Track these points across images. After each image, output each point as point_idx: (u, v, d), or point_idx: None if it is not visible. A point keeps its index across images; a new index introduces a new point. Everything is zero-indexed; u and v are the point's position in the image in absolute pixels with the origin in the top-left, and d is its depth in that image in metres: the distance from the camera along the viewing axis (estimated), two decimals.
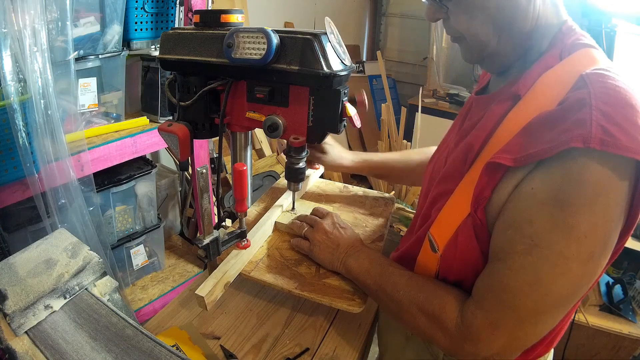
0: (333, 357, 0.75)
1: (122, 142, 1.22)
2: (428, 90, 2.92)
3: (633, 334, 1.51)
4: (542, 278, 0.49)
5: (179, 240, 1.87)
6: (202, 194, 0.69)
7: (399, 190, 2.44)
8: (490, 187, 0.54)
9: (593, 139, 0.44)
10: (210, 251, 0.73)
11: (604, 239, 0.48)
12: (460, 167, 0.61)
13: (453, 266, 0.60)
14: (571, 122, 0.47)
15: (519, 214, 0.51)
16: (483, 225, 0.55)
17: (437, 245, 0.61)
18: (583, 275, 0.49)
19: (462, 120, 0.70)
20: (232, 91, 0.72)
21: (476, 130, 0.61)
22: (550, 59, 0.56)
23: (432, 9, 0.60)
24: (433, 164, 0.76)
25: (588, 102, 0.46)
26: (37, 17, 0.91)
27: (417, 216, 0.76)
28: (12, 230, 1.10)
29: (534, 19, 0.56)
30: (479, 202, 0.55)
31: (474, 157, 0.59)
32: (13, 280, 0.61)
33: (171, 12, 1.33)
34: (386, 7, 3.49)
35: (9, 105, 0.90)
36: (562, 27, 0.58)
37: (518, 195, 0.51)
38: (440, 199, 0.63)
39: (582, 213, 0.47)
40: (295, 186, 0.79)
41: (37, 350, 0.56)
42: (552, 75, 0.54)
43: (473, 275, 0.58)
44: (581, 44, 0.56)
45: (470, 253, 0.57)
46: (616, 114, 0.45)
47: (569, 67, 0.53)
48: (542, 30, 0.58)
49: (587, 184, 0.46)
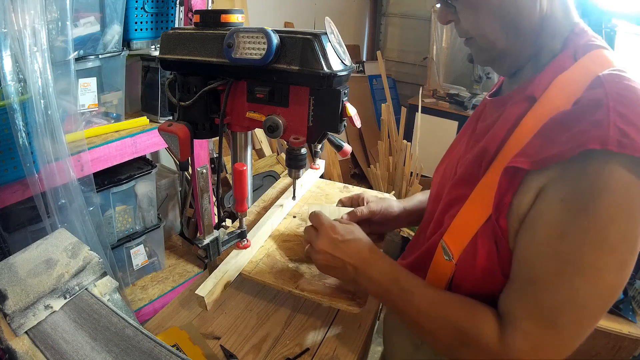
0: (333, 357, 0.75)
1: (122, 142, 1.22)
2: (428, 90, 2.92)
3: (633, 334, 1.51)
4: (578, 294, 0.49)
5: (179, 240, 1.87)
6: (202, 194, 0.69)
7: (399, 190, 2.44)
8: (510, 193, 0.53)
9: (611, 140, 0.44)
10: (210, 251, 0.73)
11: (633, 246, 0.48)
12: (475, 172, 0.59)
13: (469, 275, 0.59)
14: (588, 123, 0.46)
15: (549, 228, 0.50)
16: (504, 234, 0.54)
17: (451, 253, 0.60)
18: (616, 283, 0.49)
19: (475, 123, 0.69)
20: (232, 91, 0.72)
21: (491, 133, 0.60)
22: (564, 60, 0.55)
23: (443, 11, 0.60)
24: (443, 167, 0.74)
25: (605, 102, 0.46)
26: (37, 17, 0.91)
27: (427, 221, 0.73)
28: (12, 230, 1.10)
29: (540, 15, 0.56)
30: (501, 210, 0.54)
31: (490, 160, 0.57)
32: (13, 280, 0.61)
33: (171, 12, 1.33)
34: (386, 7, 3.49)
35: (9, 105, 0.90)
36: (575, 29, 0.57)
37: (546, 207, 0.50)
38: (455, 205, 0.61)
39: (611, 224, 0.46)
40: (296, 173, 0.78)
41: (37, 350, 0.56)
42: (567, 77, 0.54)
43: (489, 285, 0.57)
44: (594, 45, 0.55)
45: (488, 262, 0.56)
46: (633, 115, 0.45)
47: (584, 68, 0.53)
48: (551, 29, 0.57)
49: (615, 193, 0.45)
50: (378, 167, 2.53)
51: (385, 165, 2.49)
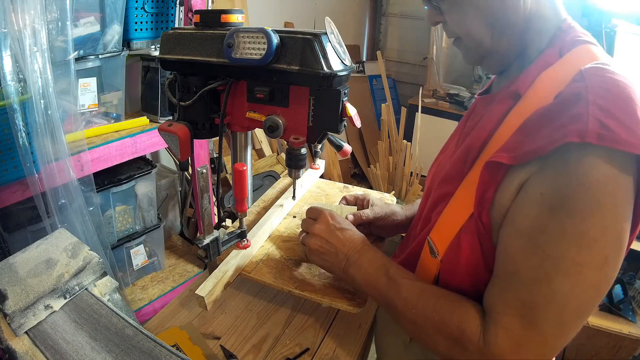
0: (333, 357, 0.75)
1: (122, 142, 1.22)
2: (428, 90, 2.93)
3: (633, 334, 1.51)
4: (558, 290, 0.48)
5: (179, 240, 1.87)
6: (202, 194, 0.69)
7: (399, 190, 2.44)
8: (492, 188, 0.53)
9: (590, 133, 0.43)
10: (210, 251, 0.73)
11: (617, 240, 0.47)
12: (460, 169, 0.60)
13: (454, 272, 0.59)
14: (567, 117, 0.46)
15: (529, 221, 0.49)
16: (487, 230, 0.54)
17: (436, 249, 0.60)
18: (600, 280, 0.48)
19: (465, 121, 0.70)
20: (232, 91, 0.72)
21: (476, 130, 0.61)
22: (550, 56, 0.55)
23: (431, 13, 0.61)
24: (435, 166, 0.75)
25: (584, 95, 0.46)
26: (37, 17, 0.91)
27: (417, 219, 0.74)
28: (12, 230, 1.10)
29: (525, 12, 0.56)
30: (483, 205, 0.54)
31: (475, 157, 0.58)
32: (13, 280, 0.61)
33: (171, 12, 1.33)
34: (386, 7, 3.49)
35: (9, 105, 0.90)
36: (562, 25, 0.57)
37: (526, 201, 0.50)
38: (441, 202, 0.62)
39: (591, 217, 0.45)
40: (296, 173, 0.78)
41: (37, 350, 0.56)
42: (551, 73, 0.54)
43: (475, 281, 0.57)
44: (581, 40, 0.55)
45: (472, 258, 0.56)
46: (614, 108, 0.44)
47: (569, 63, 0.53)
48: (537, 26, 0.57)
49: (593, 186, 0.45)
50: (378, 167, 2.53)
51: (385, 165, 2.49)
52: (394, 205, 0.90)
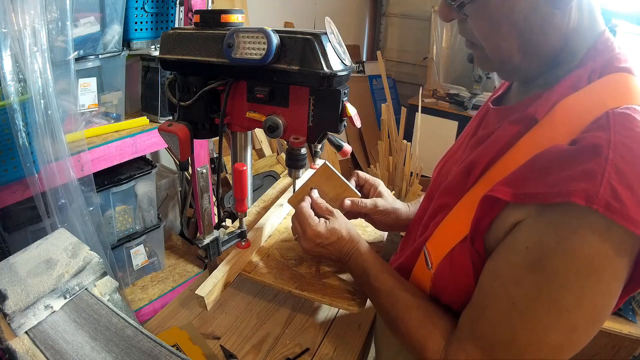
0: (333, 357, 0.75)
1: (122, 142, 1.22)
2: (428, 90, 2.93)
3: (633, 334, 1.51)
4: (520, 341, 0.47)
5: (179, 240, 1.87)
6: (202, 194, 0.69)
7: (399, 190, 2.44)
8: (488, 219, 0.50)
9: (599, 200, 0.39)
10: (210, 251, 0.73)
11: (591, 312, 0.45)
12: (462, 183, 0.57)
13: (446, 287, 0.59)
14: (580, 170, 0.41)
15: (508, 269, 0.48)
16: (481, 256, 0.53)
17: (431, 262, 0.59)
18: (564, 343, 0.46)
19: (476, 127, 0.66)
20: (232, 91, 0.72)
21: (484, 146, 0.56)
22: (577, 80, 0.49)
23: (445, 8, 0.54)
24: (441, 165, 0.73)
25: (605, 152, 0.40)
26: (37, 17, 0.91)
27: (417, 220, 0.72)
28: (12, 230, 1.10)
29: (567, 33, 0.49)
30: (477, 233, 0.52)
31: (477, 176, 0.55)
32: (13, 280, 0.61)
33: (171, 12, 1.33)
34: (386, 7, 3.49)
35: (9, 105, 0.90)
36: (597, 42, 0.51)
37: (512, 246, 0.48)
38: (440, 213, 0.60)
39: (569, 288, 0.43)
40: (296, 173, 0.78)
41: (37, 350, 0.56)
42: (574, 102, 0.48)
43: (464, 300, 0.56)
44: (616, 67, 0.48)
45: (464, 278, 0.55)
46: (634, 175, 0.39)
47: (596, 95, 0.47)
48: (574, 46, 0.51)
49: (581, 260, 0.42)
50: (378, 167, 2.53)
51: (385, 165, 2.49)
52: (399, 203, 0.89)
